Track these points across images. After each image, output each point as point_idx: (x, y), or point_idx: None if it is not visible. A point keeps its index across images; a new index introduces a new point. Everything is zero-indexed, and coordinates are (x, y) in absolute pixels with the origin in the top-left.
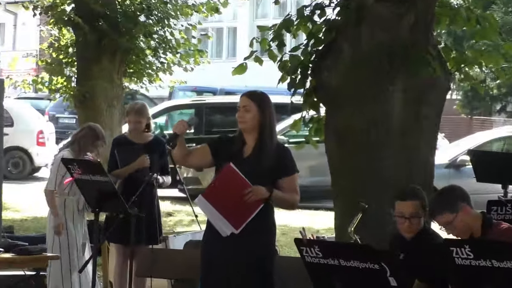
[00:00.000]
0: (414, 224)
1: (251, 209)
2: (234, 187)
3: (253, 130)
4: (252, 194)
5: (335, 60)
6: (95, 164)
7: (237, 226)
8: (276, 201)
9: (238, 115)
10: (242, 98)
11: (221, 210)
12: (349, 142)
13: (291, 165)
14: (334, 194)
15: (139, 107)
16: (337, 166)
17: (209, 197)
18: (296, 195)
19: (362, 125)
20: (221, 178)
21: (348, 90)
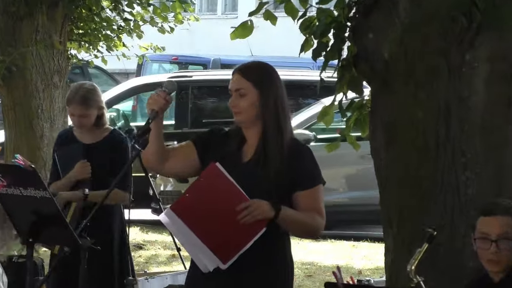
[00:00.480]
0: (504, 252)
1: (247, 235)
2: (221, 199)
3: (255, 123)
4: (250, 212)
5: (386, 17)
6: (29, 172)
7: (225, 258)
8: (287, 224)
9: (230, 103)
10: (234, 77)
11: (200, 232)
12: (406, 140)
13: (313, 173)
14: (385, 217)
15: (83, 93)
16: (388, 175)
17: (182, 211)
18: (319, 216)
19: (426, 114)
20: (200, 183)
21: (405, 62)
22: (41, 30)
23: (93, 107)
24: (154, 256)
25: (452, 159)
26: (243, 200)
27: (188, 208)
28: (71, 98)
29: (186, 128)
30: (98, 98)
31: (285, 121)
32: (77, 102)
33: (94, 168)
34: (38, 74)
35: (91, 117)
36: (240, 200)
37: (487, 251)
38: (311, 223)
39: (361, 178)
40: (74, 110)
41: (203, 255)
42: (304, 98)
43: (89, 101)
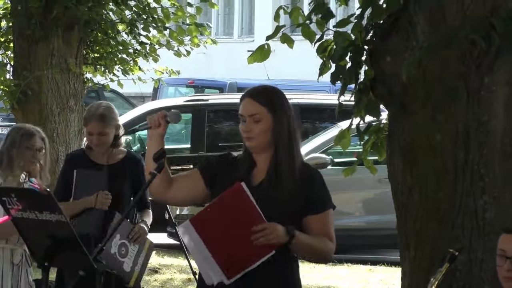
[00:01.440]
0: None
1: (256, 255)
2: (239, 217)
3: (266, 148)
4: (265, 234)
5: (405, 40)
6: (44, 196)
7: (230, 274)
8: (299, 249)
9: (243, 129)
10: (246, 101)
11: (212, 247)
12: (424, 163)
13: (324, 197)
14: (402, 241)
15: (102, 111)
16: (406, 198)
17: (200, 225)
18: (330, 241)
19: (445, 138)
20: (223, 201)
21: (424, 85)
22: (57, 54)
23: (111, 125)
24: (169, 280)
25: (471, 183)
26: (260, 221)
27: (206, 223)
28: (89, 116)
29: (202, 151)
30: (115, 116)
31: (296, 145)
32: (96, 119)
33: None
34: (53, 97)
35: (110, 136)
36: (257, 222)
37: (502, 268)
38: (322, 248)
39: (378, 202)
40: (93, 128)
41: (210, 268)
42: (321, 122)
43: (108, 118)
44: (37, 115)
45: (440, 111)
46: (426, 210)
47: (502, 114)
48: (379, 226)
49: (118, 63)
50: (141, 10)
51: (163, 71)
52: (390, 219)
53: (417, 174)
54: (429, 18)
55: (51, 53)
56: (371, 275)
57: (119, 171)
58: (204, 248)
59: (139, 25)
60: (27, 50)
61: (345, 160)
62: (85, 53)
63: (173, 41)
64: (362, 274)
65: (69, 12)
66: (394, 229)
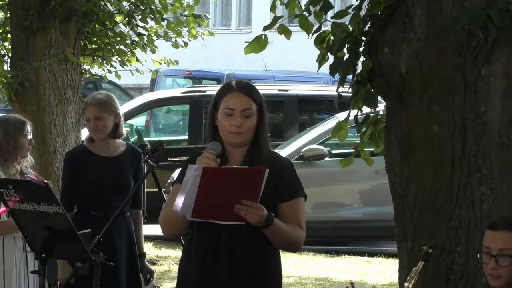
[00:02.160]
0: (503, 267)
1: (227, 216)
2: (241, 190)
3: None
4: (248, 210)
5: (402, 32)
6: (42, 188)
7: (195, 215)
8: (273, 236)
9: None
10: (237, 95)
11: (201, 195)
12: (421, 155)
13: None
14: (399, 232)
15: (100, 97)
16: (403, 190)
17: (207, 176)
18: (301, 229)
19: (442, 129)
20: (241, 173)
21: (421, 76)
22: (54, 45)
23: (109, 111)
24: (167, 271)
25: (468, 174)
26: (253, 199)
27: (214, 178)
28: (87, 102)
29: (200, 143)
30: (114, 103)
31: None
32: (93, 104)
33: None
34: (51, 89)
35: (107, 123)
36: (251, 198)
37: (487, 265)
38: (294, 235)
39: (376, 193)
40: (90, 113)
41: (185, 203)
42: (319, 113)
43: (105, 103)
44: (35, 106)
45: (437, 102)
46: (423, 201)
47: (499, 105)
48: (377, 218)
49: (115, 54)
50: (138, 1)
51: (161, 61)
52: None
53: (415, 165)
54: (426, 9)
55: (48, 44)
56: (369, 266)
57: (123, 162)
58: (195, 191)
59: (137, 16)
60: (24, 41)
61: (342, 151)
62: (83, 44)
63: (170, 32)
64: (360, 265)
65: (67, 3)
66: (392, 221)
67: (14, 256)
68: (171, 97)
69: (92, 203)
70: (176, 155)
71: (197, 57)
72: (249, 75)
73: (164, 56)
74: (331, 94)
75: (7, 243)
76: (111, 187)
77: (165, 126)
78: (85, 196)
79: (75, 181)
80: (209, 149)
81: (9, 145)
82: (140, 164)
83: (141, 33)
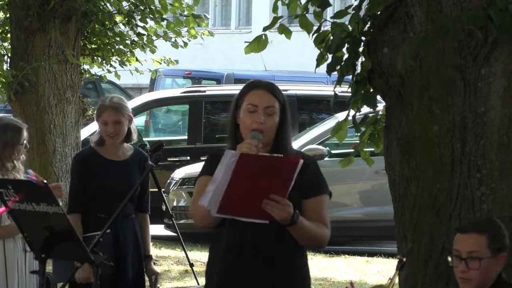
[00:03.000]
0: (473, 271)
1: (253, 213)
2: (273, 180)
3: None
4: (275, 206)
5: (402, 32)
6: (41, 188)
7: (221, 211)
8: (298, 234)
9: (256, 119)
10: (261, 92)
11: (233, 184)
12: (421, 155)
13: (316, 182)
14: (399, 233)
15: (116, 100)
16: (403, 190)
17: (243, 162)
18: (325, 227)
19: (441, 129)
20: (275, 161)
21: (420, 77)
22: (54, 45)
23: (126, 114)
24: (166, 271)
25: (468, 175)
26: (282, 194)
27: (248, 165)
28: (103, 105)
29: (199, 143)
30: (128, 108)
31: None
32: (112, 108)
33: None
34: (50, 89)
35: (124, 126)
36: (280, 194)
37: (457, 268)
38: (320, 233)
39: (376, 193)
40: (108, 116)
41: (214, 194)
42: (318, 113)
43: (123, 108)
44: (34, 107)
45: (437, 102)
46: (423, 201)
47: (499, 105)
48: (376, 218)
49: (115, 54)
50: (138, 1)
51: (161, 61)
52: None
53: (414, 165)
54: (426, 9)
55: (48, 44)
56: (368, 266)
57: (131, 166)
58: (227, 180)
59: (137, 16)
60: (24, 41)
61: (342, 151)
62: (83, 44)
63: (170, 32)
64: (359, 265)
65: (67, 3)
66: (391, 221)
67: (15, 257)
68: (171, 97)
69: (99, 205)
70: (176, 155)
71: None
72: (248, 75)
73: (163, 56)
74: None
75: (8, 244)
76: (119, 190)
77: (165, 126)
78: (92, 199)
79: (83, 183)
80: (251, 137)
81: (6, 153)
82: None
83: (141, 33)
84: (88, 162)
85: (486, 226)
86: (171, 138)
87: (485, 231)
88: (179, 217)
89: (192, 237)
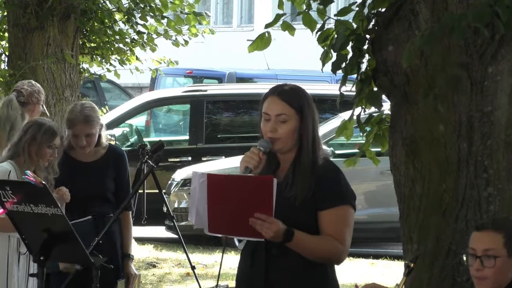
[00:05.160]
0: (488, 269)
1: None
2: (252, 200)
3: (291, 149)
4: (263, 225)
5: (407, 29)
6: (40, 189)
7: (212, 229)
8: (299, 250)
9: (267, 128)
10: (272, 100)
11: (212, 202)
12: (427, 155)
13: (336, 192)
14: (405, 234)
15: (87, 112)
16: (408, 191)
17: (213, 182)
18: (338, 242)
19: (447, 128)
20: (248, 181)
21: (425, 75)
22: (52, 44)
23: (97, 125)
24: (167, 274)
25: (474, 175)
26: (267, 212)
27: (220, 184)
28: (74, 118)
29: (201, 143)
30: (99, 116)
31: (319, 144)
32: (83, 122)
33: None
34: (49, 88)
35: (96, 136)
36: (265, 211)
37: (472, 267)
38: (326, 249)
39: (381, 194)
40: (80, 131)
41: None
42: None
43: (93, 119)
44: None
45: (443, 101)
46: (429, 202)
47: (507, 104)
48: (382, 219)
49: (115, 52)
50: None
51: (161, 61)
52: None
53: (420, 166)
54: (431, 6)
55: (46, 42)
56: (373, 268)
57: (102, 167)
58: (205, 199)
59: (136, 14)
60: (22, 40)
61: (346, 152)
62: (81, 42)
63: (171, 31)
64: (364, 267)
65: (65, 1)
66: (397, 222)
67: (6, 256)
68: (172, 97)
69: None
70: (177, 155)
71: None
72: (251, 74)
73: (164, 55)
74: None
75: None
76: (88, 193)
77: (166, 126)
78: None
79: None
80: (258, 145)
81: (31, 150)
82: (123, 165)
83: (141, 31)
84: (59, 165)
85: (504, 225)
86: (172, 138)
87: (503, 229)
88: (180, 219)
89: (193, 239)
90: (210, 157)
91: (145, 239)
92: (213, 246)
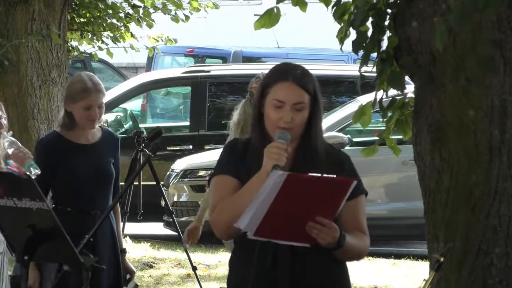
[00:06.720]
0: None
1: (293, 236)
2: (321, 202)
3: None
4: (321, 230)
5: (433, 3)
6: (24, 180)
7: (258, 233)
8: (343, 255)
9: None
10: (289, 86)
11: (275, 206)
12: (455, 143)
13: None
14: (430, 231)
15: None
16: (434, 183)
17: (290, 183)
18: (365, 236)
19: (478, 114)
20: (327, 182)
21: (454, 54)
22: (38, 19)
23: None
24: (165, 275)
25: (508, 165)
26: (329, 217)
27: (296, 185)
28: (87, 88)
29: (203, 130)
30: None
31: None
32: (97, 91)
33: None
34: (34, 68)
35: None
36: (328, 216)
37: None
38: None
39: (403, 187)
40: (94, 101)
41: (253, 217)
42: (338, 96)
43: (103, 87)
44: (16, 88)
45: (473, 83)
46: (457, 196)
47: None
48: (404, 215)
49: (107, 29)
50: None
51: (158, 38)
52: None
53: (447, 155)
54: None
55: (31, 18)
56: (395, 269)
57: (101, 150)
58: (269, 202)
59: None
60: (4, 15)
61: (365, 139)
62: (70, 17)
63: (169, 4)
64: (385, 268)
65: None
66: (421, 218)
67: None
68: (171, 78)
69: (71, 197)
70: (176, 143)
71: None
72: (259, 52)
73: (161, 32)
74: (352, 75)
75: None
76: (93, 177)
77: (164, 111)
78: (63, 190)
79: (49, 174)
80: (278, 138)
81: None
82: (118, 151)
83: (136, 5)
84: (54, 149)
85: None
86: (171, 124)
87: None
88: (180, 214)
89: None
90: (213, 146)
91: (140, 236)
92: (216, 244)
